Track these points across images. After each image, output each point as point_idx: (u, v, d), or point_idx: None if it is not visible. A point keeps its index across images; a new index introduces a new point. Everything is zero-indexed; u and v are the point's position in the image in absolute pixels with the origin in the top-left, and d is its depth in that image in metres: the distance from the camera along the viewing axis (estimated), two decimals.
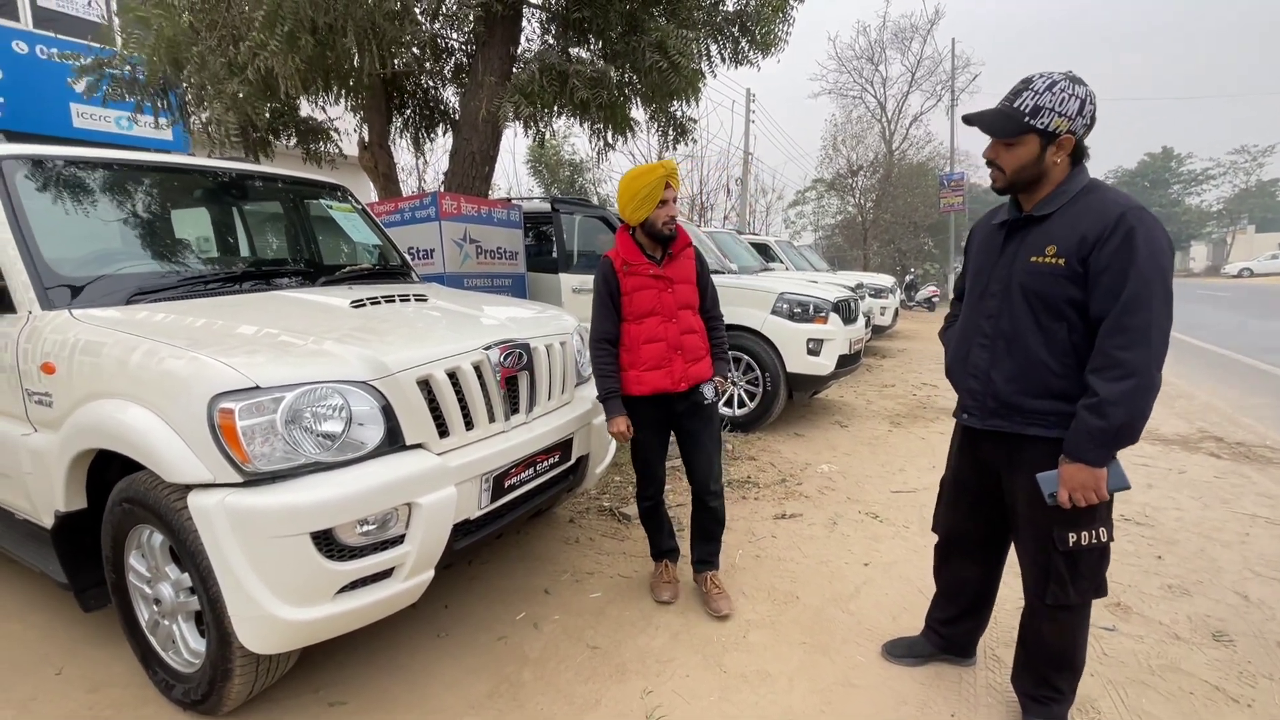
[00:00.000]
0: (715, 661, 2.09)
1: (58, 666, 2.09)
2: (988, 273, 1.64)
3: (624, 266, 2.26)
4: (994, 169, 1.56)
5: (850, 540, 3.03)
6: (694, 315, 2.33)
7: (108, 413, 1.71)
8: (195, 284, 2.33)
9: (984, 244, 1.70)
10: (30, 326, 1.98)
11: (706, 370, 2.34)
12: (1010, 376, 1.56)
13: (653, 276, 2.25)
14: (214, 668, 1.69)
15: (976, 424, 1.66)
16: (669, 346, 2.25)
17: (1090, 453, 1.43)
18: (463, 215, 4.68)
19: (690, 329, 2.30)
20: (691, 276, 2.33)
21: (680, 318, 2.28)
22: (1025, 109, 1.45)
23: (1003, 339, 1.57)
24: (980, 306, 1.64)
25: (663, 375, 2.25)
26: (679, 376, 2.26)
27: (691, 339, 2.29)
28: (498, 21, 4.40)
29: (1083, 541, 1.53)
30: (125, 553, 1.89)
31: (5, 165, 2.21)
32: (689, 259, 2.35)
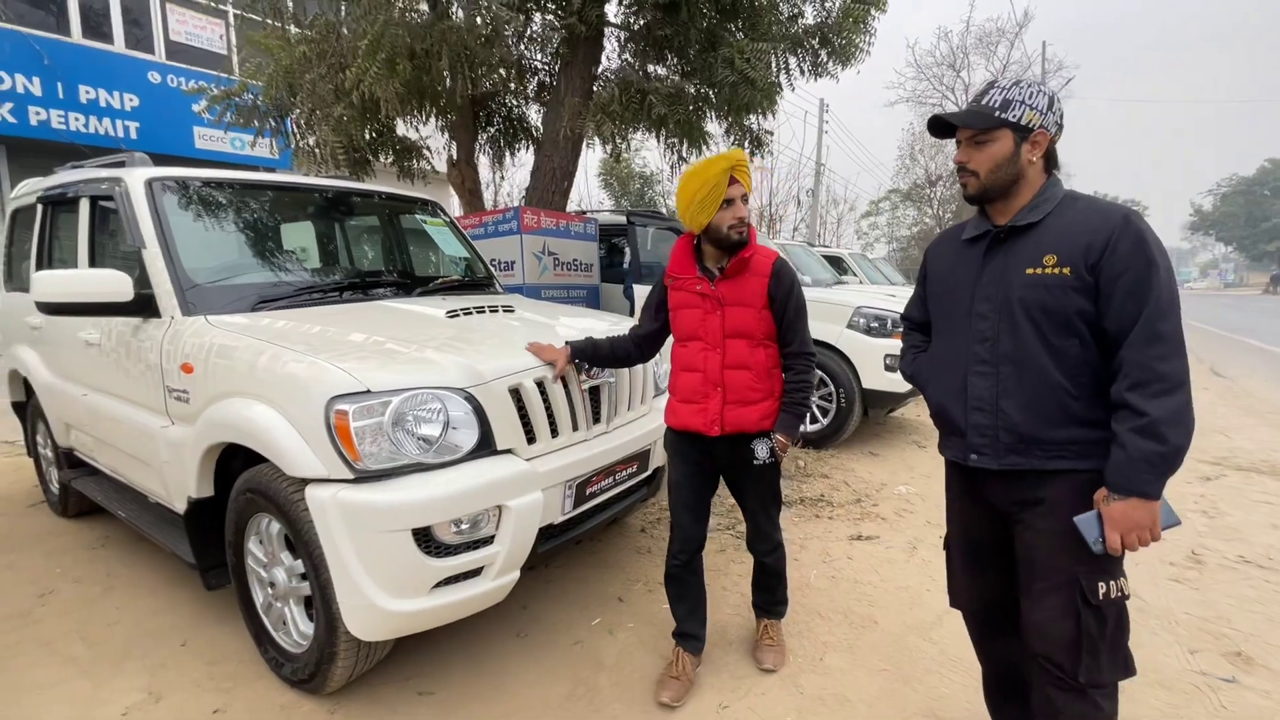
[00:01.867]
0: (791, 682, 2.06)
1: (183, 638, 2.30)
2: (968, 292, 1.44)
3: (670, 279, 1.96)
4: (965, 174, 1.41)
5: (931, 566, 2.91)
6: (751, 347, 1.86)
7: (238, 410, 1.89)
8: (308, 293, 2.54)
9: (954, 262, 1.50)
10: (172, 330, 2.22)
11: (756, 419, 1.86)
12: (1025, 405, 1.34)
13: (699, 294, 1.88)
14: (321, 650, 1.82)
15: (991, 464, 1.40)
16: (707, 380, 1.87)
17: (1149, 484, 1.22)
18: (542, 229, 4.86)
19: (741, 363, 1.86)
20: (756, 299, 1.85)
21: (728, 348, 1.86)
22: (994, 104, 1.35)
23: (1008, 363, 1.36)
24: (966, 330, 1.43)
25: (695, 412, 1.90)
26: (713, 418, 1.87)
27: (740, 376, 1.86)
28: (580, 42, 4.56)
29: (1111, 593, 1.31)
30: (245, 538, 2.07)
31: (154, 186, 2.49)
32: (759, 276, 1.85)
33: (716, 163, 1.79)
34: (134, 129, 10.56)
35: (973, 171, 1.39)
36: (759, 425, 1.87)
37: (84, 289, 2.21)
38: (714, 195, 1.79)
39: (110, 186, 2.57)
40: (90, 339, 2.64)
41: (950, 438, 1.49)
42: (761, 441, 1.88)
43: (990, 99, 1.36)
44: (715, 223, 1.82)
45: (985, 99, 1.38)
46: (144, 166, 2.69)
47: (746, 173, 1.83)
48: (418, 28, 3.59)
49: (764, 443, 1.88)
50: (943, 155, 22.61)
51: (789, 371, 1.91)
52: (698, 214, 1.82)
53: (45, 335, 3.15)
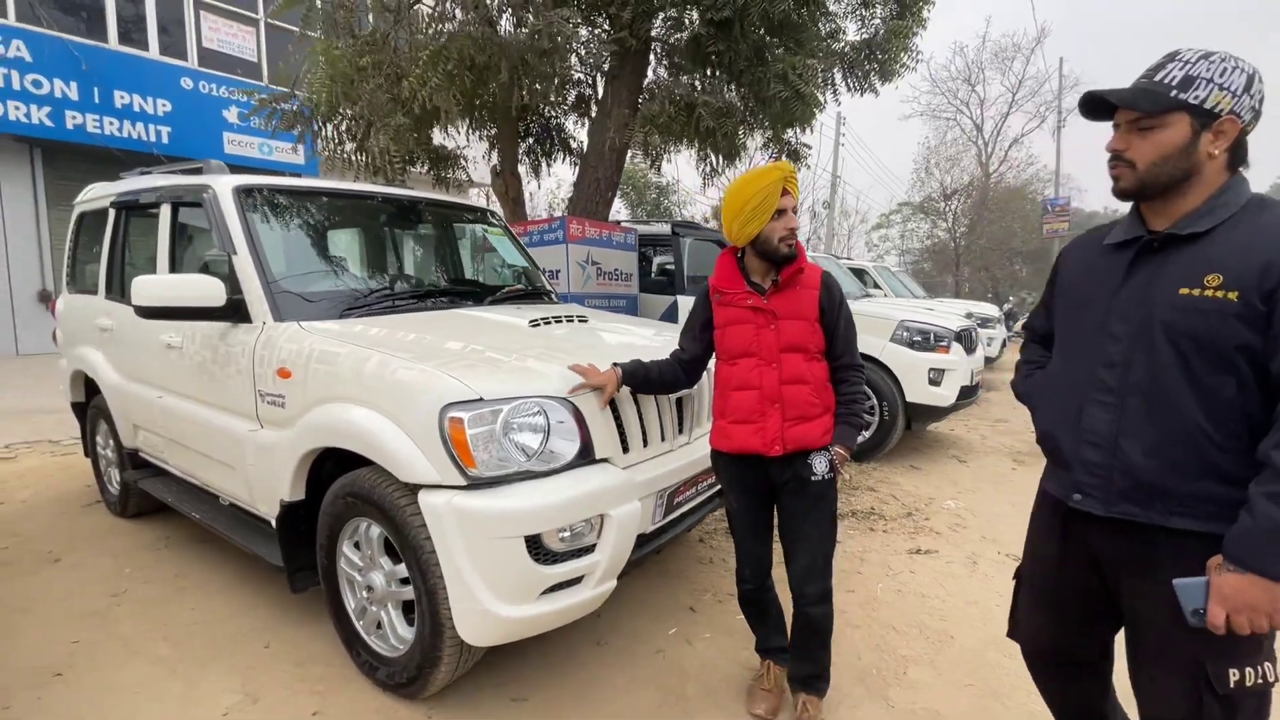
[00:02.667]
0: (880, 695, 2.06)
1: (265, 640, 2.32)
2: (1102, 306, 1.22)
3: (717, 295, 1.87)
4: (1119, 165, 1.16)
5: (995, 582, 2.91)
6: (807, 361, 1.78)
7: (343, 415, 1.92)
8: (389, 301, 2.58)
9: (1090, 269, 1.29)
10: (265, 335, 2.25)
11: (818, 435, 1.77)
12: (1152, 448, 1.13)
13: (751, 309, 1.79)
14: (423, 655, 1.84)
15: (1097, 509, 1.19)
16: (764, 398, 1.77)
17: (1275, 562, 1.00)
18: (586, 238, 4.91)
19: (798, 378, 1.77)
20: (810, 311, 1.78)
21: (784, 363, 1.77)
22: (1171, 81, 1.09)
23: (1138, 396, 1.14)
24: (1094, 350, 1.21)
25: (752, 433, 1.78)
26: (773, 437, 1.76)
27: (798, 391, 1.77)
28: (629, 56, 4.62)
29: (1245, 681, 1.09)
30: (339, 541, 2.09)
31: (242, 193, 2.54)
32: (810, 289, 1.79)
33: (769, 173, 1.72)
34: (166, 134, 10.71)
35: (1129, 162, 1.15)
36: (821, 440, 1.78)
37: (180, 293, 2.26)
38: (766, 205, 1.71)
39: (197, 193, 2.63)
40: (172, 342, 2.68)
41: (1055, 469, 1.31)
42: (820, 456, 1.77)
43: (1168, 74, 1.10)
44: (766, 233, 1.73)
45: (1161, 74, 1.11)
46: (223, 174, 2.75)
47: (796, 184, 1.76)
48: (479, 40, 3.65)
49: (823, 456, 1.77)
50: (958, 169, 22.67)
51: (842, 384, 1.84)
52: (746, 224, 1.73)
53: (116, 337, 3.19)
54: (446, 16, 3.76)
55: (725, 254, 1.89)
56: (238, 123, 11.86)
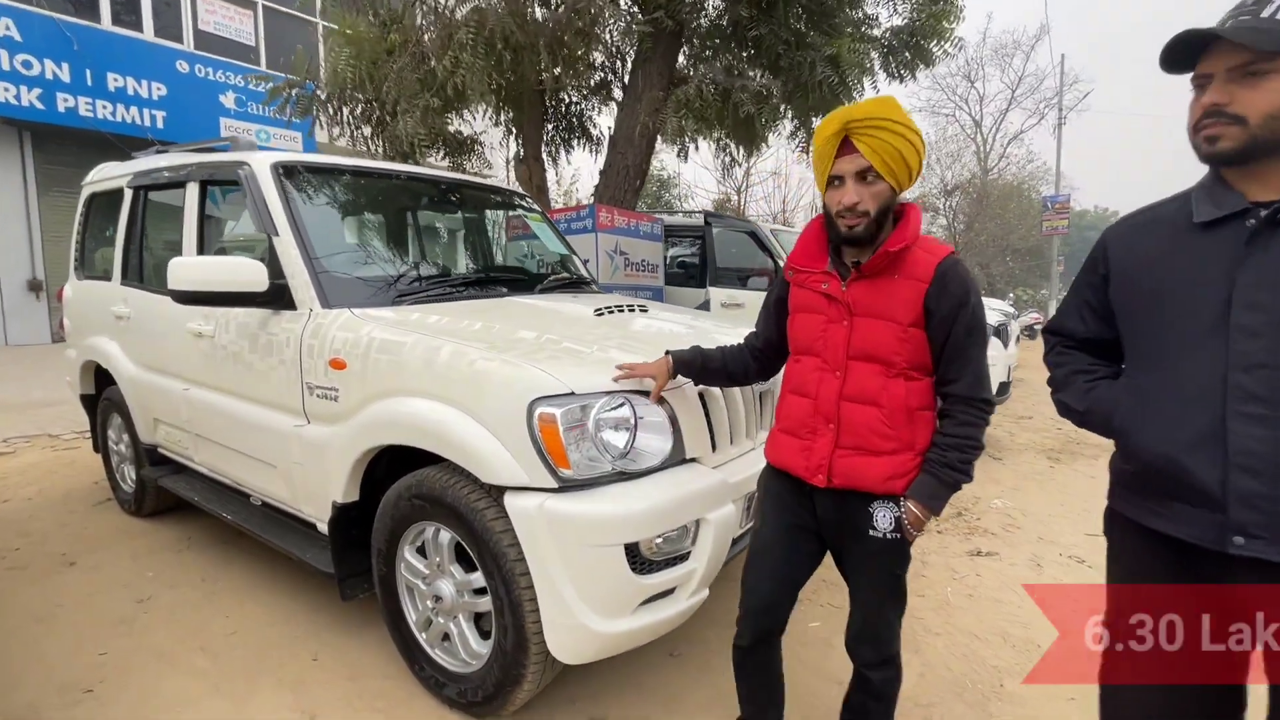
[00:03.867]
0: (981, 709, 1.94)
1: (312, 651, 2.16)
2: (1216, 296, 1.00)
3: (791, 271, 1.47)
4: (1220, 122, 0.97)
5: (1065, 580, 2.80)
6: (886, 377, 1.33)
7: (412, 410, 1.76)
8: (441, 287, 2.41)
9: (1170, 256, 1.07)
10: (314, 323, 2.08)
11: (878, 476, 1.33)
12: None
13: (823, 295, 1.38)
14: (504, 671, 1.68)
15: (1272, 554, 0.95)
16: (815, 412, 1.38)
17: None
18: (615, 228, 4.75)
19: (866, 397, 1.33)
20: (904, 311, 1.31)
21: (851, 373, 1.35)
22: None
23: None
24: (1215, 351, 1.00)
25: (797, 450, 1.41)
26: (818, 463, 1.37)
27: (862, 415, 1.34)
28: (662, 37, 4.45)
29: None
30: (399, 547, 1.93)
31: (282, 170, 2.36)
32: (914, 280, 1.30)
33: (827, 123, 1.30)
34: (161, 118, 10.39)
35: (1235, 117, 0.95)
36: (884, 486, 1.33)
37: (221, 277, 2.08)
38: (820, 168, 1.33)
39: (230, 170, 2.44)
40: (203, 330, 2.50)
41: (1184, 507, 1.04)
42: (885, 508, 1.33)
43: (1273, 9, 0.93)
44: (827, 205, 1.33)
45: (1270, 8, 0.93)
46: (253, 150, 2.56)
47: (882, 136, 1.23)
48: (519, 19, 3.47)
49: (888, 510, 1.33)
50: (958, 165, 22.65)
51: (947, 419, 1.34)
52: (819, 184, 1.36)
53: (134, 325, 3.00)
54: None
55: (818, 221, 1.45)
56: (235, 108, 11.58)
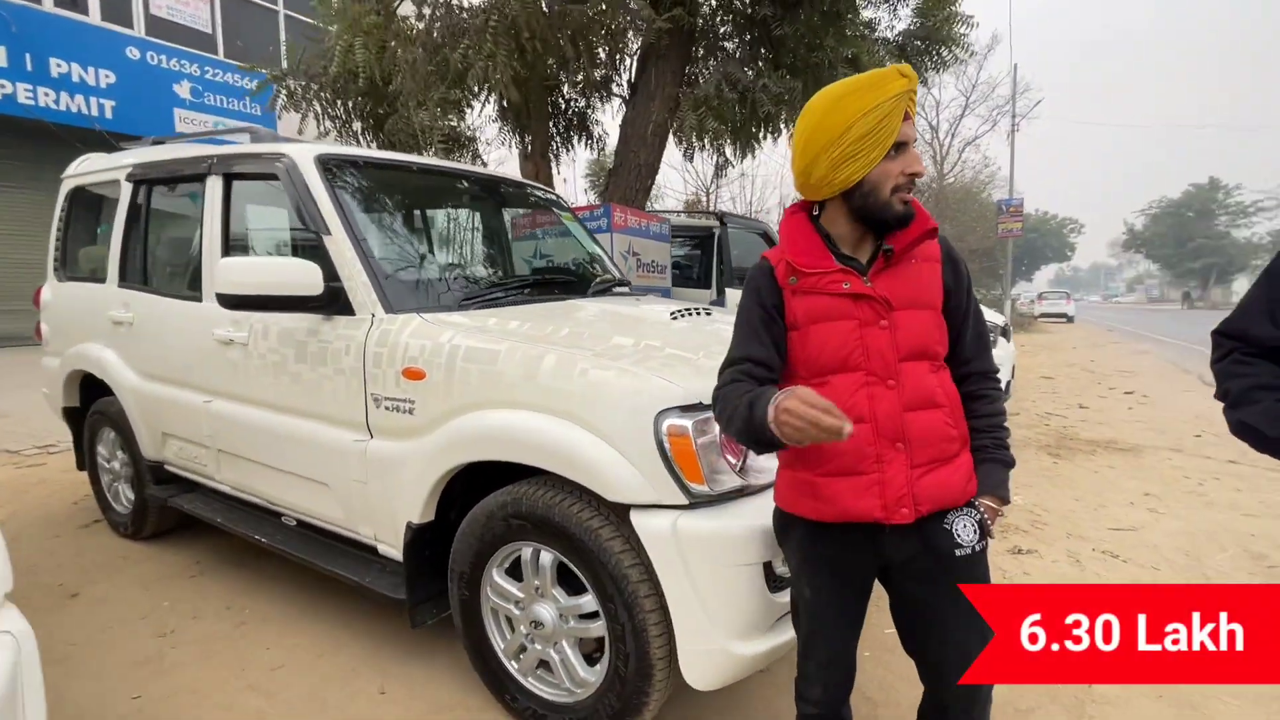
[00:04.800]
0: (1078, 711, 1.94)
1: (377, 685, 2.00)
2: None
3: (790, 277, 1.20)
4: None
5: (1109, 581, 2.85)
6: (935, 372, 1.20)
7: (514, 423, 1.63)
8: (500, 290, 2.28)
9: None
10: (379, 330, 1.92)
11: (961, 484, 1.19)
12: None
13: (850, 296, 1.16)
14: (624, 701, 1.58)
15: None
16: (879, 434, 1.15)
17: None
18: (629, 228, 4.65)
19: (928, 399, 1.18)
20: (934, 296, 1.20)
21: (905, 377, 1.16)
22: None
23: None
24: None
25: (865, 489, 1.16)
26: (898, 495, 1.14)
27: (930, 420, 1.17)
28: (679, 35, 4.38)
29: None
30: (485, 570, 1.80)
31: (328, 164, 2.19)
32: (931, 261, 1.21)
33: (888, 80, 1.10)
34: (109, 108, 9.72)
35: None
36: (965, 493, 1.18)
37: (273, 279, 1.90)
38: (885, 131, 1.09)
39: (266, 164, 2.25)
40: (234, 337, 2.29)
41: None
42: (963, 516, 1.17)
43: None
44: (875, 179, 1.12)
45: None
46: (279, 142, 2.38)
47: (915, 102, 1.15)
48: (546, 11, 3.34)
49: (968, 517, 1.17)
50: None
51: (980, 401, 1.25)
52: (845, 163, 1.11)
53: (138, 331, 2.75)
54: None
55: (792, 215, 1.26)
56: (190, 98, 10.93)
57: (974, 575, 1.19)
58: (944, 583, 1.18)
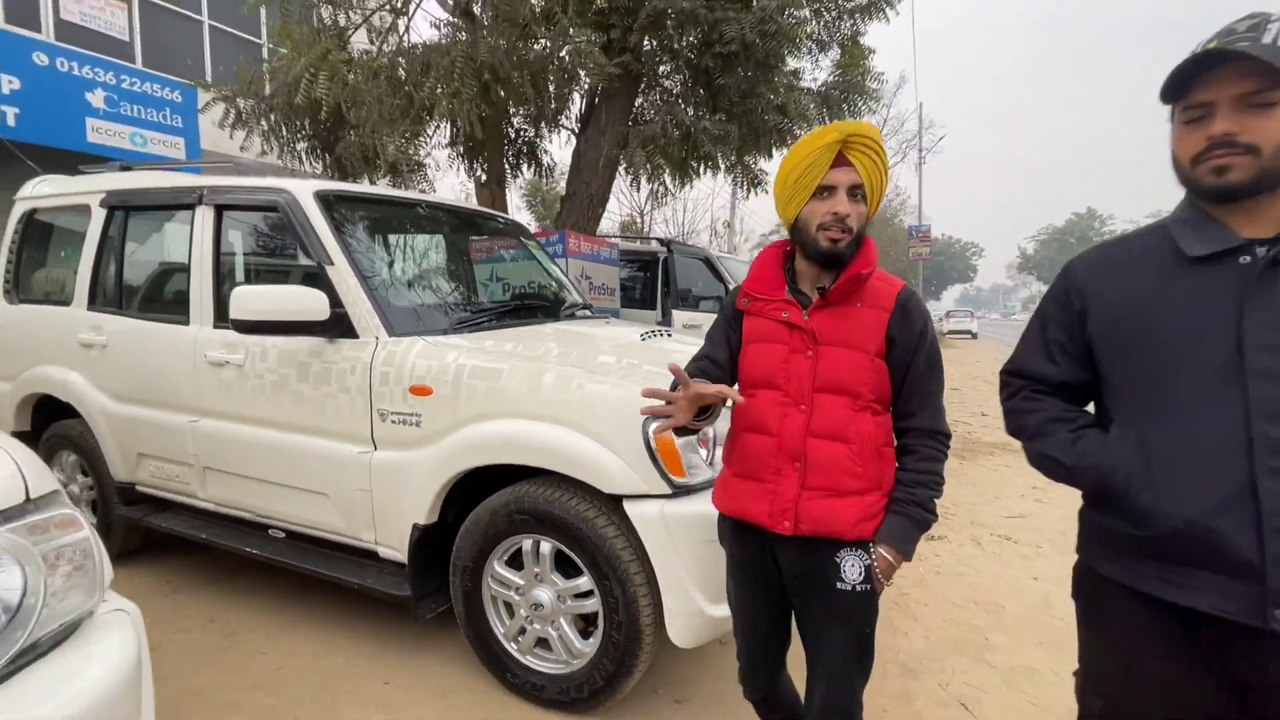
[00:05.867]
0: (979, 658, 2.38)
1: (382, 677, 2.18)
2: (1221, 339, 0.94)
3: (745, 299, 1.37)
4: (1232, 153, 0.91)
5: (1003, 559, 3.38)
6: (854, 411, 1.26)
7: (518, 431, 1.90)
8: (486, 315, 2.53)
9: (1164, 292, 1.00)
10: (385, 351, 2.14)
11: (849, 521, 1.24)
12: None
13: (784, 323, 1.30)
14: (618, 663, 1.86)
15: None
16: (780, 450, 1.27)
17: None
18: (582, 253, 4.97)
19: (834, 432, 1.25)
20: (869, 340, 1.26)
21: (819, 406, 1.26)
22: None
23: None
24: (1230, 400, 0.92)
25: (759, 495, 1.29)
26: (783, 507, 1.26)
27: (831, 451, 1.25)
28: (626, 78, 4.77)
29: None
30: (486, 563, 2.04)
31: (327, 200, 2.39)
32: (877, 308, 1.28)
33: (823, 134, 1.23)
34: (12, 115, 9.07)
35: (1249, 147, 0.90)
36: (855, 530, 1.24)
37: (285, 306, 2.09)
38: (809, 177, 1.22)
39: (266, 197, 2.42)
40: (229, 359, 2.42)
41: (1210, 576, 0.94)
42: (854, 556, 1.25)
43: (1274, 35, 0.89)
44: (804, 217, 1.25)
45: (1268, 35, 0.89)
46: (263, 176, 2.56)
47: (872, 157, 1.23)
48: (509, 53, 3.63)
49: (857, 558, 1.25)
50: None
51: (910, 455, 1.29)
52: (787, 204, 1.28)
53: (113, 354, 2.79)
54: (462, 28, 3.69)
55: (771, 249, 1.42)
56: (104, 107, 10.36)
57: (853, 616, 1.27)
58: (820, 610, 1.29)
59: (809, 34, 5.07)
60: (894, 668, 2.31)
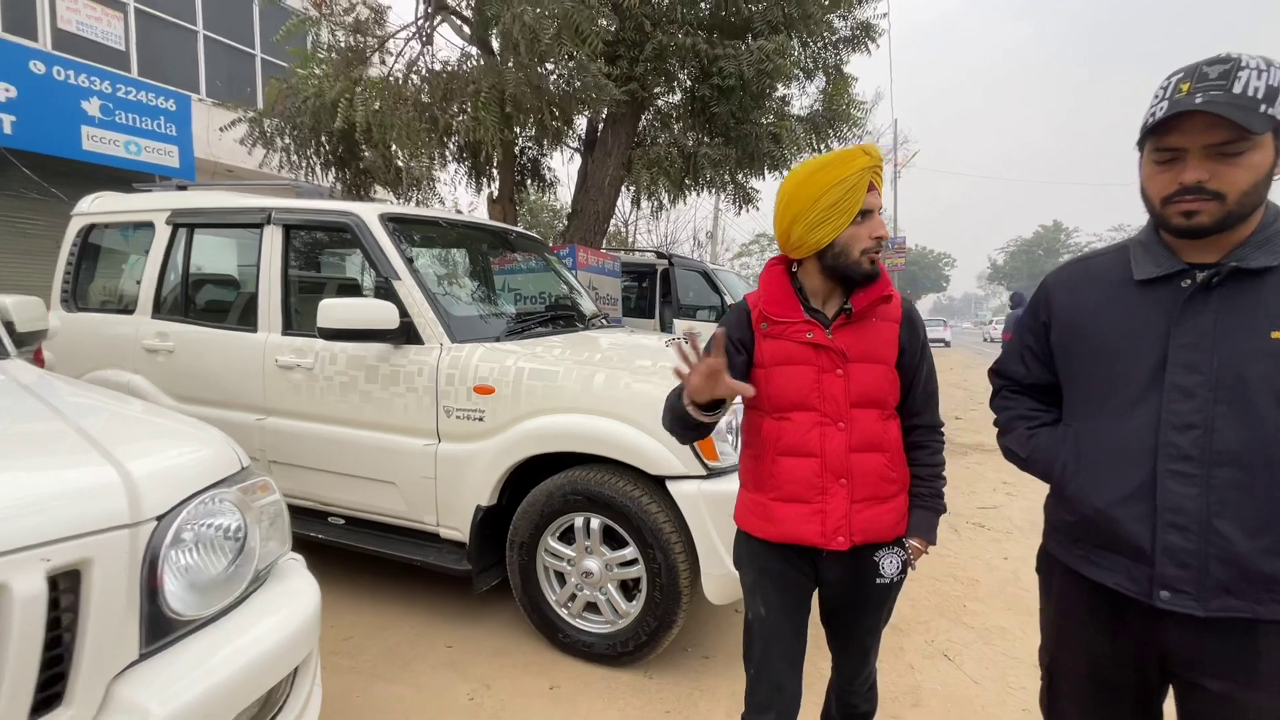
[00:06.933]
0: (958, 620, 2.76)
1: (446, 642, 2.48)
2: (1153, 353, 1.04)
3: (763, 324, 1.37)
4: (1200, 199, 0.96)
5: (977, 544, 3.79)
6: (883, 420, 1.35)
7: (575, 424, 2.24)
8: (531, 323, 2.86)
9: (1115, 307, 1.10)
10: (449, 355, 2.46)
11: (892, 523, 1.35)
12: (1258, 528, 0.97)
13: (811, 345, 1.33)
14: (659, 620, 2.19)
15: (1195, 609, 1.00)
16: (825, 469, 1.32)
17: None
18: (590, 266, 5.31)
19: (873, 443, 1.33)
20: (889, 352, 1.35)
21: (855, 422, 1.32)
22: (1257, 94, 0.92)
23: (1231, 466, 0.98)
24: (1151, 409, 1.03)
25: (808, 516, 1.33)
26: (836, 525, 1.31)
27: (872, 462, 1.33)
28: (633, 103, 5.15)
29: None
30: (541, 538, 2.36)
31: (389, 222, 2.70)
32: (890, 321, 1.36)
33: (854, 157, 1.26)
34: (9, 123, 9.13)
35: (1216, 194, 0.96)
36: (894, 531, 1.35)
37: (364, 316, 2.40)
38: (850, 201, 1.25)
39: (336, 219, 2.72)
40: (299, 363, 2.71)
41: (1116, 558, 1.08)
42: (891, 554, 1.34)
43: (1247, 86, 0.92)
44: (844, 242, 1.28)
45: (1240, 85, 0.92)
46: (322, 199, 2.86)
47: (882, 178, 1.32)
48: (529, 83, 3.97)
49: (894, 555, 1.35)
50: None
51: (921, 450, 1.41)
52: (816, 227, 1.27)
53: (179, 359, 3.05)
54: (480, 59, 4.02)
55: (773, 266, 1.43)
56: (100, 116, 10.41)
57: (888, 599, 1.41)
58: (860, 604, 1.38)
59: (796, 62, 5.51)
60: (888, 629, 2.67)
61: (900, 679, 2.33)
